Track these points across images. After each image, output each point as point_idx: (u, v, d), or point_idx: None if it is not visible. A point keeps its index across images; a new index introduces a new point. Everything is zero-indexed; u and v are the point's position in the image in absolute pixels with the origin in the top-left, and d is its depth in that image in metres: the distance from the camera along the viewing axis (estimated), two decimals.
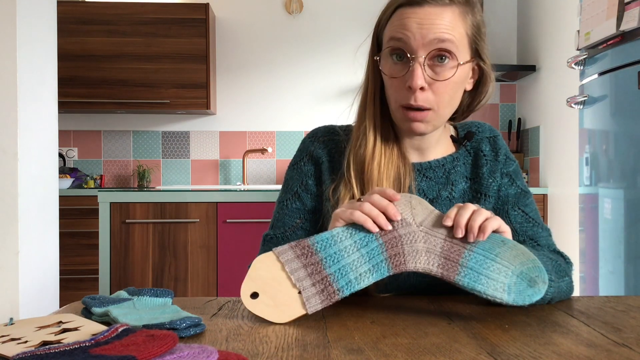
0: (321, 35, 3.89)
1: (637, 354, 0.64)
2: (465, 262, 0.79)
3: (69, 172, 3.71)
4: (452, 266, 0.79)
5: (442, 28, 0.91)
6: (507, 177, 1.07)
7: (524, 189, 1.09)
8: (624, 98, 1.94)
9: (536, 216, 1.07)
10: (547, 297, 0.87)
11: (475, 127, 1.10)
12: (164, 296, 0.84)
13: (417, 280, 0.98)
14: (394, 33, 0.94)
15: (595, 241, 2.09)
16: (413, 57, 0.92)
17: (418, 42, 0.91)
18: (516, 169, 1.09)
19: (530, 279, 0.77)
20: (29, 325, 0.72)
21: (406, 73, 0.93)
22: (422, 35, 0.91)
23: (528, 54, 3.72)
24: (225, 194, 2.57)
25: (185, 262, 2.54)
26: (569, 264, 1.00)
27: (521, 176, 1.10)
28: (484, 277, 0.78)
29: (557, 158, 3.32)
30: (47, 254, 1.81)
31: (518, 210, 1.06)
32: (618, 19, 1.88)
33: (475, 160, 1.07)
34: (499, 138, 1.09)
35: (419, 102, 0.93)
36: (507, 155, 1.09)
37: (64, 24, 3.42)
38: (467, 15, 0.96)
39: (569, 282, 0.94)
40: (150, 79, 3.59)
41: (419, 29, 0.91)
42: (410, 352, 0.64)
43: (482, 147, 1.07)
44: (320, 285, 0.79)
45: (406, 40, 0.92)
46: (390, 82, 0.96)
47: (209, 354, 0.56)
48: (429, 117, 0.95)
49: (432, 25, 0.91)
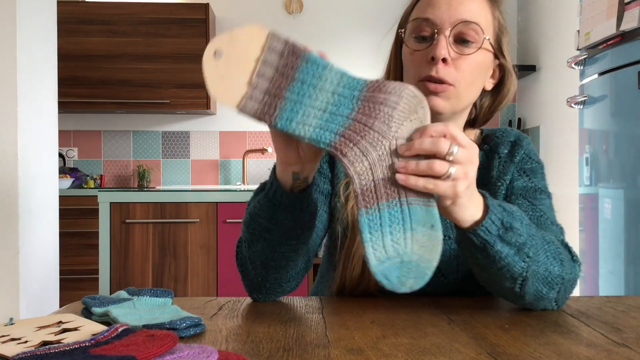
0: (321, 35, 3.89)
1: (637, 354, 0.64)
2: (386, 207, 0.70)
3: (69, 172, 3.71)
4: (372, 198, 0.70)
5: (470, 11, 0.90)
6: (522, 172, 1.01)
7: (541, 187, 1.00)
8: (624, 98, 1.94)
9: (551, 214, 0.99)
10: (516, 273, 0.77)
11: (501, 132, 1.05)
12: (164, 296, 0.84)
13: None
14: (420, 13, 0.92)
15: (595, 241, 2.10)
16: (438, 29, 0.89)
17: (444, 19, 0.90)
18: (535, 168, 1.02)
19: (404, 273, 0.69)
20: (29, 325, 0.72)
21: (429, 46, 0.90)
22: (449, 15, 0.90)
23: (528, 54, 3.72)
24: (225, 194, 2.57)
25: (185, 262, 2.54)
26: (576, 262, 0.88)
27: (542, 177, 1.02)
28: (386, 233, 0.70)
29: (557, 158, 3.32)
30: (47, 254, 1.81)
31: (524, 201, 0.98)
32: (618, 19, 1.88)
33: (489, 163, 1.03)
34: (524, 142, 1.03)
35: (440, 74, 0.89)
36: (529, 155, 1.02)
37: (64, 24, 3.41)
38: (495, 9, 0.95)
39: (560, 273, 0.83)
40: (150, 79, 3.59)
41: (447, 9, 0.90)
42: (410, 352, 0.64)
43: (499, 149, 1.02)
44: (268, 99, 0.70)
45: (433, 19, 0.90)
46: (412, 58, 0.93)
47: (209, 354, 0.56)
48: (448, 93, 0.90)
49: (460, 6, 0.90)
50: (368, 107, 0.71)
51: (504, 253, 0.76)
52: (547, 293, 0.82)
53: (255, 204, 0.85)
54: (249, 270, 0.90)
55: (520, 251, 0.77)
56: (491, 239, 0.75)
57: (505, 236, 0.76)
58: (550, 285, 0.82)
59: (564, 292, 0.85)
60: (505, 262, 0.76)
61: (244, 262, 0.92)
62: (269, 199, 0.82)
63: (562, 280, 0.83)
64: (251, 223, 0.86)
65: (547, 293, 0.82)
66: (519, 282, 0.79)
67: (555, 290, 0.83)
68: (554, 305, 0.85)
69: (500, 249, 0.76)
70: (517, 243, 0.77)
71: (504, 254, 0.76)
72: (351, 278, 0.97)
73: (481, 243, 0.75)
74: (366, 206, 0.70)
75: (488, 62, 0.95)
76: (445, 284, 0.97)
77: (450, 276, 0.97)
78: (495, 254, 0.76)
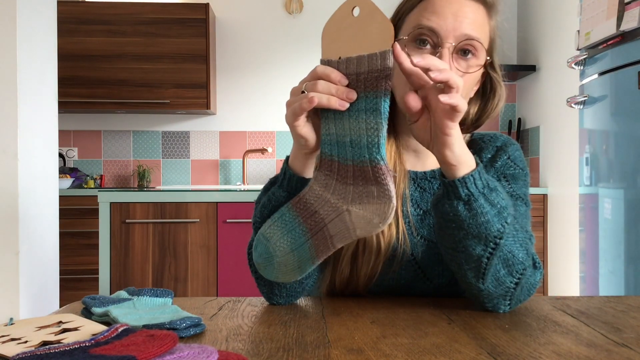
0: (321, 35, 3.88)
1: (637, 354, 0.64)
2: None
3: (69, 172, 3.71)
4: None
5: (474, 25, 0.90)
6: (501, 177, 0.99)
7: (520, 194, 0.97)
8: (624, 98, 1.94)
9: (522, 222, 0.94)
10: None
11: (489, 137, 1.05)
12: (164, 296, 0.84)
13: (395, 282, 0.98)
14: (423, 20, 0.91)
15: (595, 241, 2.10)
16: (442, 42, 0.89)
17: (449, 32, 0.89)
18: (518, 175, 1.00)
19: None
20: (29, 325, 0.72)
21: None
22: (454, 28, 0.89)
23: (528, 54, 3.72)
24: (225, 194, 2.57)
25: (185, 262, 2.54)
26: (537, 269, 0.87)
27: (524, 185, 0.99)
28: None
29: (557, 158, 3.32)
30: (47, 254, 1.81)
31: None
32: (618, 19, 1.88)
33: None
34: (509, 148, 1.01)
35: None
36: (514, 161, 1.00)
37: (64, 24, 3.42)
38: (491, 20, 0.95)
39: (523, 262, 0.83)
40: (150, 79, 3.59)
41: (453, 21, 0.89)
42: (410, 352, 0.64)
43: (483, 154, 1.02)
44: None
45: (438, 30, 0.89)
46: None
47: (209, 354, 0.56)
48: None
49: (465, 19, 0.89)
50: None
51: (486, 209, 0.78)
52: (505, 277, 0.82)
53: (269, 196, 0.85)
54: None
55: (500, 214, 0.79)
56: (476, 192, 0.77)
57: (489, 195, 0.78)
58: (510, 269, 0.82)
59: (520, 290, 0.84)
60: (485, 218, 0.78)
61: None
62: (283, 188, 0.83)
63: (522, 271, 0.83)
64: (266, 216, 0.85)
65: (505, 277, 0.82)
66: (490, 248, 0.79)
67: (515, 278, 0.82)
68: (507, 304, 0.84)
69: (483, 204, 0.78)
70: (499, 205, 0.79)
71: (485, 209, 0.78)
72: (340, 279, 0.97)
73: (466, 195, 0.77)
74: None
75: (479, 74, 0.95)
76: (430, 288, 0.98)
77: (435, 280, 0.98)
78: (478, 208, 0.77)
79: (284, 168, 0.84)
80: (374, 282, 0.97)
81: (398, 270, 0.97)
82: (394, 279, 0.97)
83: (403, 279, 0.98)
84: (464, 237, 0.79)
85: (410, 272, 0.97)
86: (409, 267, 0.97)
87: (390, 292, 0.99)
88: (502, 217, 0.79)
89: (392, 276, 0.97)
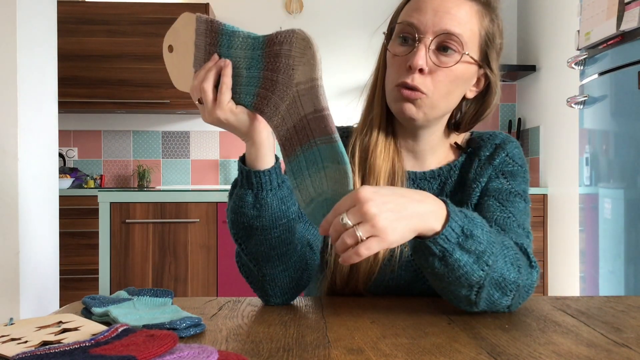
0: (321, 35, 3.89)
1: (637, 354, 0.64)
2: (302, 152, 0.75)
3: (69, 172, 3.71)
4: (291, 146, 0.76)
5: (456, 20, 0.90)
6: (500, 174, 0.99)
7: (518, 191, 0.98)
8: (624, 98, 1.94)
9: (520, 218, 0.95)
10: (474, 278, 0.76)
11: (488, 135, 1.04)
12: (164, 296, 0.84)
13: (395, 282, 0.98)
14: (407, 17, 0.92)
15: (595, 241, 2.10)
16: (420, 37, 0.90)
17: (428, 27, 0.90)
18: (516, 172, 1.00)
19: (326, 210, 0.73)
20: (29, 325, 0.72)
21: (409, 53, 0.91)
22: (433, 23, 0.89)
23: (528, 54, 3.72)
24: (225, 194, 2.57)
25: (185, 262, 2.54)
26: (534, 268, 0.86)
27: (523, 181, 1.00)
28: (306, 176, 0.75)
29: (557, 158, 3.32)
30: (47, 254, 1.81)
31: (495, 202, 0.96)
32: (618, 19, 1.88)
33: (468, 165, 1.02)
34: (507, 146, 1.01)
35: (415, 82, 0.90)
36: (512, 158, 1.00)
37: (64, 24, 3.42)
38: (485, 17, 0.94)
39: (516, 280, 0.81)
40: (150, 79, 3.59)
41: (432, 16, 0.90)
42: (410, 352, 0.64)
43: (481, 152, 1.01)
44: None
45: (417, 25, 0.90)
46: (392, 62, 0.94)
47: (209, 354, 0.56)
48: (421, 101, 0.91)
49: (446, 14, 0.90)
50: (270, 61, 0.76)
51: (463, 261, 0.75)
52: (500, 299, 0.81)
53: (234, 200, 0.85)
54: (254, 274, 0.88)
55: (479, 259, 0.76)
56: (450, 247, 0.74)
57: (465, 244, 0.74)
58: (504, 290, 0.81)
59: (518, 297, 0.83)
60: (463, 270, 0.75)
61: (246, 268, 0.90)
62: (245, 187, 0.83)
63: (517, 287, 0.81)
64: (237, 219, 0.84)
65: (500, 299, 0.81)
66: (475, 290, 0.78)
67: (510, 297, 0.81)
68: (506, 310, 0.84)
69: (459, 257, 0.74)
70: (477, 251, 0.75)
71: (462, 262, 0.75)
72: (340, 277, 0.97)
73: (440, 251, 0.74)
74: (288, 155, 0.76)
75: (469, 72, 0.94)
76: (430, 288, 0.98)
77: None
78: (454, 262, 0.74)
79: (239, 168, 0.84)
80: (374, 282, 0.97)
81: (397, 270, 0.97)
82: (393, 279, 0.97)
83: (403, 279, 0.98)
84: (447, 285, 0.79)
85: (409, 272, 0.98)
86: (408, 267, 0.97)
87: (390, 292, 0.99)
88: (482, 262, 0.76)
89: (391, 276, 0.97)
